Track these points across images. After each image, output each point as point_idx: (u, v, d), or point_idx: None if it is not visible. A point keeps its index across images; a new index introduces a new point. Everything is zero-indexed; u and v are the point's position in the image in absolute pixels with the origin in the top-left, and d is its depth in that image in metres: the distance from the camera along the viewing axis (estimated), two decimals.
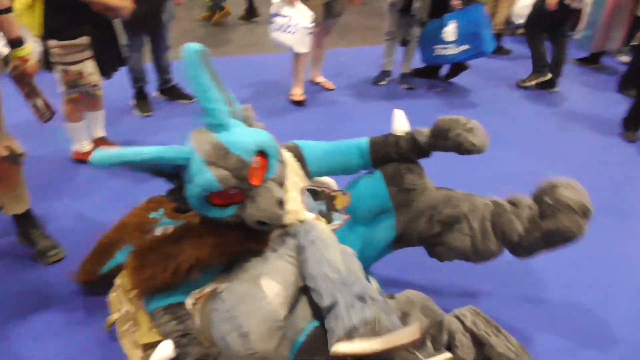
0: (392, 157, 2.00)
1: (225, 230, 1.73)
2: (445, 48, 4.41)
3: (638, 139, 3.90)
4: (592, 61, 5.63)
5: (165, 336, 1.68)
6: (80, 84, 2.70)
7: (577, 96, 4.79)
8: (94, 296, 2.08)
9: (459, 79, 4.99)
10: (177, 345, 1.65)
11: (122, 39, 3.06)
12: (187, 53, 1.62)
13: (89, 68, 2.69)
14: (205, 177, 1.59)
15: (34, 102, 2.22)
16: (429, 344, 1.71)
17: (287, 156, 1.91)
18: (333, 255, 1.69)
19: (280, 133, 1.80)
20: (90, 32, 2.64)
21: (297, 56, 4.04)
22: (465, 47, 4.38)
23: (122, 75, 3.41)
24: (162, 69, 3.85)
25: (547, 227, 1.85)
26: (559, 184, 1.88)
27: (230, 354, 1.64)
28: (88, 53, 2.67)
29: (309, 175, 1.99)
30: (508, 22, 5.93)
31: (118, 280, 1.93)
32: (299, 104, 4.14)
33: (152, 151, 1.60)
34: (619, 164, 3.56)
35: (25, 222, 2.33)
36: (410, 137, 2.00)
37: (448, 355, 1.62)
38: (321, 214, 1.92)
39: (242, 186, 1.63)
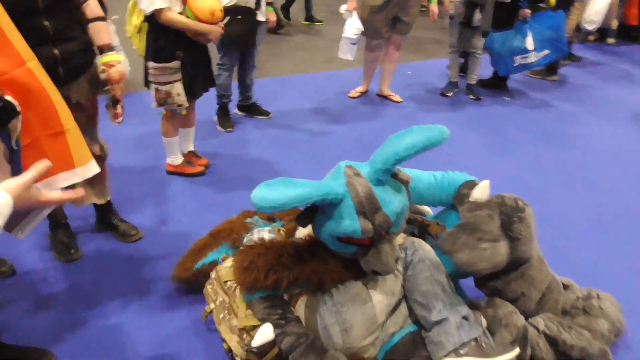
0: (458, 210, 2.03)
1: (327, 257, 1.85)
2: (526, 57, 4.53)
3: None
4: None
5: (262, 320, 1.86)
6: (168, 103, 2.98)
7: None
8: (190, 293, 2.31)
9: (528, 88, 5.00)
10: (276, 326, 1.83)
11: (215, 59, 3.34)
12: (441, 135, 1.71)
13: (177, 89, 2.96)
14: (352, 225, 1.67)
15: (114, 105, 2.41)
16: None
17: None
18: (442, 276, 1.84)
19: (348, 142, 1.89)
20: (183, 57, 2.92)
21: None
22: (546, 52, 4.55)
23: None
24: (246, 87, 4.12)
25: (585, 321, 2.01)
26: (609, 299, 2.12)
27: (329, 342, 1.83)
28: (177, 76, 2.94)
29: (411, 202, 2.04)
30: (578, 29, 5.88)
31: (213, 274, 2.15)
32: (351, 97, 4.72)
33: (315, 195, 1.64)
34: None
35: (108, 210, 2.70)
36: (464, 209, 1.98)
37: None
38: (412, 235, 1.99)
39: (374, 237, 1.72)
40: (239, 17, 3.48)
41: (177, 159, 3.31)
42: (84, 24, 2.23)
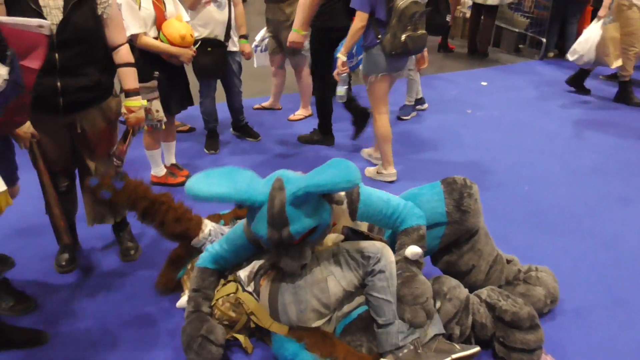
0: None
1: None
2: None
3: None
4: None
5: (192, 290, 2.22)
6: (148, 119, 3.19)
7: None
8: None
9: None
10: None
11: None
12: (349, 185, 1.83)
13: (155, 106, 3.25)
14: (261, 230, 1.90)
15: (119, 146, 2.60)
16: (457, 331, 2.10)
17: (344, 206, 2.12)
18: (395, 286, 2.05)
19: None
20: (159, 77, 3.22)
21: None
22: None
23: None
24: (234, 110, 4.36)
25: (524, 289, 2.34)
26: (545, 270, 2.44)
27: (285, 318, 2.09)
28: (155, 94, 3.23)
29: (354, 219, 2.22)
30: None
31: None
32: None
33: (234, 197, 1.87)
34: None
35: (120, 227, 2.84)
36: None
37: (477, 348, 2.01)
38: None
39: (280, 246, 1.95)
40: (209, 48, 3.75)
41: (160, 171, 3.58)
42: (102, 65, 2.39)
